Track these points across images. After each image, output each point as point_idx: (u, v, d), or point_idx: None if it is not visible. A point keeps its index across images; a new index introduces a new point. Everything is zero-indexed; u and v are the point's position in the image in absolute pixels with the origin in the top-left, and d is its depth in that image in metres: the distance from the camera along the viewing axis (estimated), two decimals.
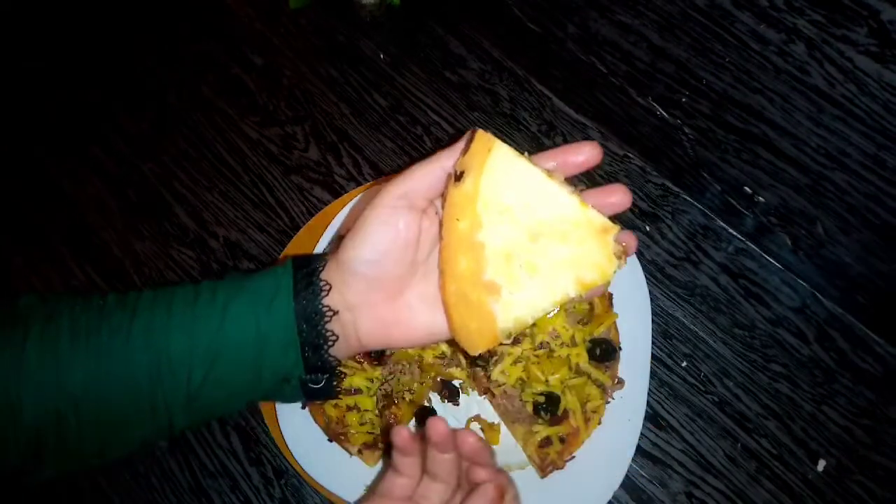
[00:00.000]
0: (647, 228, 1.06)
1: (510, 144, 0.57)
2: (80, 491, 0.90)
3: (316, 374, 0.63)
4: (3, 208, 1.08)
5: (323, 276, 0.62)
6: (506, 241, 0.57)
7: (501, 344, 0.60)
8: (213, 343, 0.59)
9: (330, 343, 0.61)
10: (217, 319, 0.59)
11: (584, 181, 1.09)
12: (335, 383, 0.65)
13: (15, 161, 1.12)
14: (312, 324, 0.60)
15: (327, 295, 0.61)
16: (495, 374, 0.88)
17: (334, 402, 0.87)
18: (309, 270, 0.62)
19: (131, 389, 0.58)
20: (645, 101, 1.04)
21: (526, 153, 0.58)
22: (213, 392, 0.60)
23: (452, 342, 0.64)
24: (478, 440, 0.62)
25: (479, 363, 0.89)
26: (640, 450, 0.91)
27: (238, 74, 1.19)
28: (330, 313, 0.61)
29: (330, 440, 0.87)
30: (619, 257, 0.61)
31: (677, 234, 1.06)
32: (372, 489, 0.72)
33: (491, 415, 0.91)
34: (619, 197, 0.63)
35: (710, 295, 1.02)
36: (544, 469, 0.86)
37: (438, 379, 0.92)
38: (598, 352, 0.90)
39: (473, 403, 0.92)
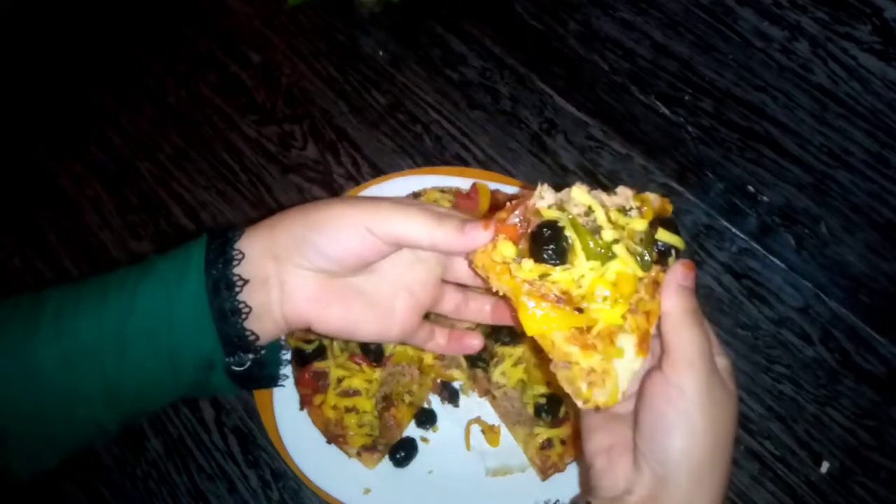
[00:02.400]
0: None
1: (510, 144, 0.57)
2: (77, 495, 0.90)
3: (238, 355, 0.59)
4: (2, 207, 1.08)
5: (239, 245, 0.58)
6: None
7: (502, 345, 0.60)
8: (123, 326, 0.55)
9: (243, 315, 0.57)
10: (126, 300, 0.56)
11: (586, 181, 1.08)
12: (268, 367, 0.62)
13: (13, 160, 1.11)
14: (223, 296, 0.57)
15: (239, 264, 0.57)
16: (496, 375, 0.88)
17: (333, 403, 0.86)
18: (223, 240, 0.59)
19: (42, 384, 0.55)
20: (647, 99, 1.03)
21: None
22: (132, 382, 0.57)
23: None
24: None
25: (480, 364, 0.88)
26: None
27: (236, 73, 1.19)
28: (241, 282, 0.57)
29: (329, 442, 0.86)
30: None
31: (681, 233, 1.05)
32: None
33: (492, 416, 0.90)
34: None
35: (714, 295, 1.01)
36: (545, 471, 0.85)
37: (438, 381, 0.91)
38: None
39: (474, 405, 0.91)
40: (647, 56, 0.98)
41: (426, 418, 0.89)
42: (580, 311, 0.57)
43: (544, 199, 0.61)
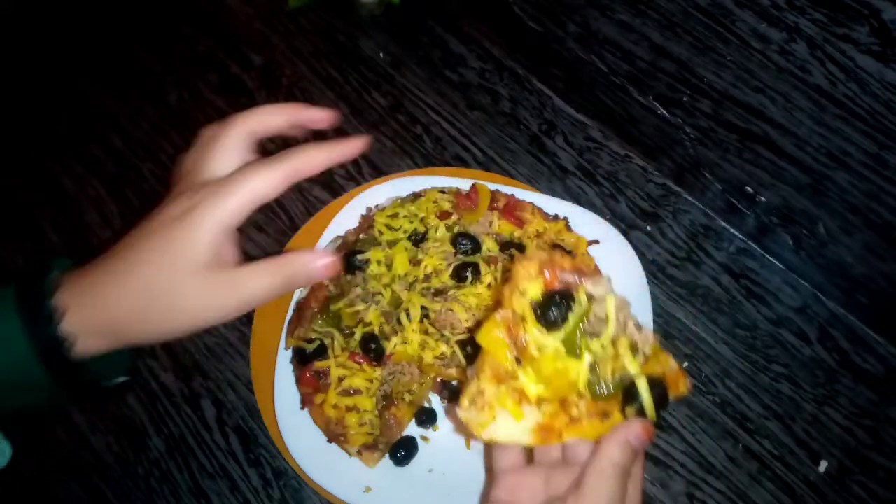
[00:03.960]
0: (649, 228, 1.06)
1: (510, 145, 0.57)
2: (79, 494, 0.90)
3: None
4: (3, 207, 1.08)
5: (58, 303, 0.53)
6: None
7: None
8: None
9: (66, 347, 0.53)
10: None
11: (586, 181, 1.09)
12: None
13: (14, 160, 1.12)
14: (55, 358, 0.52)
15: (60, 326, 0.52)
16: None
17: (333, 402, 0.86)
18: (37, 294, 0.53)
19: None
20: (646, 100, 1.04)
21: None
22: None
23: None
24: None
25: None
26: None
27: (237, 74, 1.19)
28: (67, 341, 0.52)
29: (329, 441, 0.87)
30: None
31: (679, 234, 1.06)
32: None
33: None
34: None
35: (712, 295, 1.02)
36: None
37: (438, 380, 0.91)
38: None
39: None
40: (646, 57, 0.99)
41: (426, 417, 0.90)
42: (520, 363, 0.61)
43: (597, 287, 0.63)
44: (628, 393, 0.61)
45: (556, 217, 0.99)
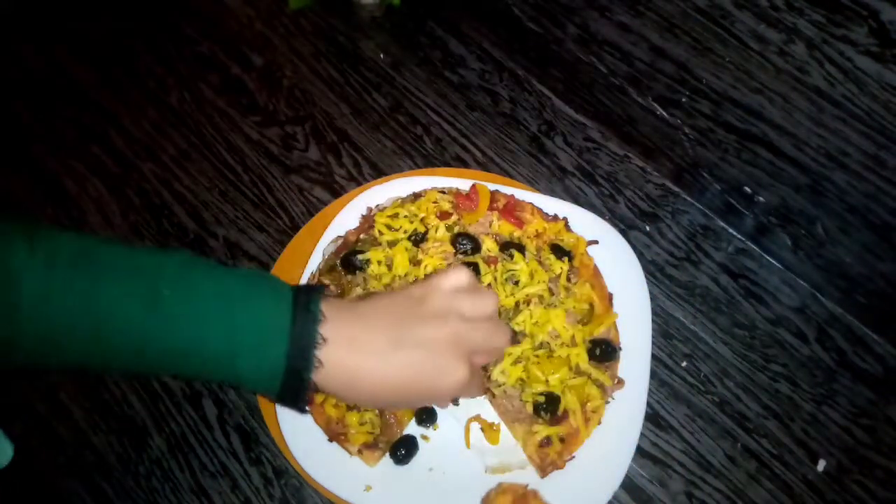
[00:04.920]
0: (648, 228, 1.06)
1: (509, 146, 0.58)
2: (80, 493, 0.90)
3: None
4: (4, 208, 1.08)
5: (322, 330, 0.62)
6: None
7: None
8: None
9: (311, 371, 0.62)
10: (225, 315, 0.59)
11: (585, 181, 1.09)
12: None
13: (15, 161, 1.12)
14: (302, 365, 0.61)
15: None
16: (495, 373, 0.88)
17: (334, 402, 0.87)
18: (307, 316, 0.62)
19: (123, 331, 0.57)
20: (645, 101, 1.04)
21: None
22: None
23: None
24: None
25: None
26: (640, 450, 0.91)
27: (238, 74, 1.19)
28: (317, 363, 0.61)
29: (330, 440, 0.87)
30: None
31: (677, 234, 1.06)
32: None
33: (491, 415, 0.91)
34: None
35: (711, 295, 1.02)
36: (544, 469, 0.86)
37: None
38: (598, 352, 0.90)
39: (473, 403, 0.92)
40: (645, 59, 0.99)
41: (426, 416, 0.90)
42: None
43: None
44: None
45: (555, 217, 1.00)
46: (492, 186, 1.01)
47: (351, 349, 0.63)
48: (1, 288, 0.52)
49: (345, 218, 1.00)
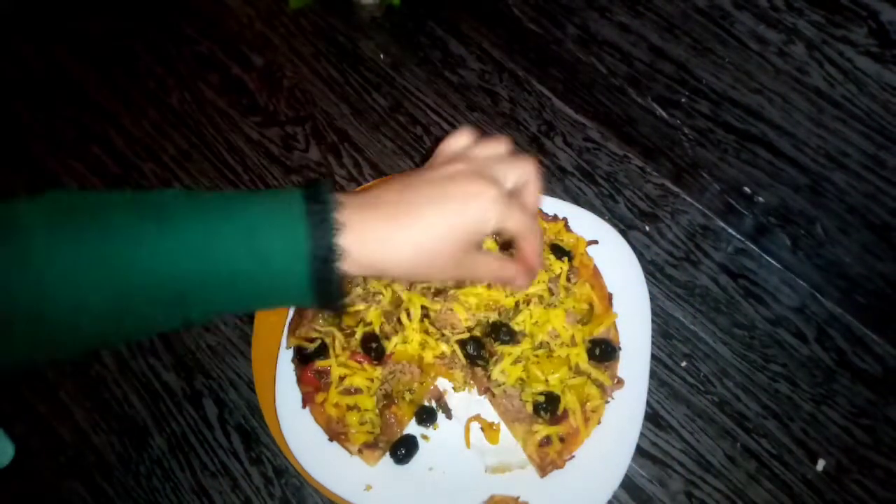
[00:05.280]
0: (647, 228, 1.07)
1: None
2: (80, 492, 0.91)
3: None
4: None
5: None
6: None
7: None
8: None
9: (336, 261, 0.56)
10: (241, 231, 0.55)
11: (584, 181, 1.09)
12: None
13: (15, 161, 1.12)
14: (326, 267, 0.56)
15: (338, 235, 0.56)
16: (495, 373, 0.88)
17: (334, 401, 0.87)
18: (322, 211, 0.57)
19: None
20: (644, 101, 1.04)
21: None
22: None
23: None
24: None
25: (479, 363, 0.89)
26: (639, 449, 0.91)
27: (238, 75, 1.20)
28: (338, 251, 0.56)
29: (330, 440, 0.87)
30: None
31: (677, 234, 1.06)
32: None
33: (491, 414, 0.91)
34: None
35: (710, 295, 1.02)
36: (544, 468, 0.86)
37: (441, 389, 0.92)
38: (597, 352, 0.91)
39: (473, 403, 0.92)
40: (645, 59, 0.99)
41: (427, 416, 0.90)
42: None
43: None
44: None
45: (555, 217, 1.00)
46: None
47: (368, 209, 0.58)
48: (15, 246, 0.50)
49: None
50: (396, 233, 0.58)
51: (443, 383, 0.93)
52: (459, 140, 0.66)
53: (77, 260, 0.51)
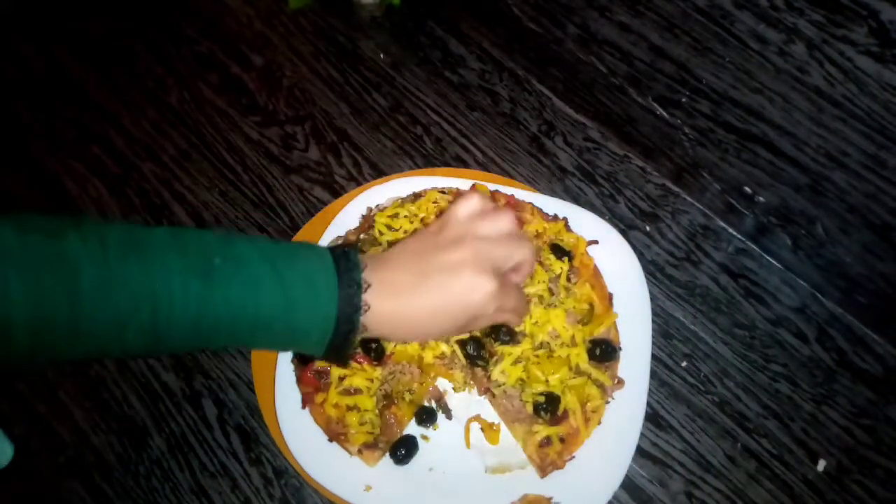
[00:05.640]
0: (648, 228, 1.06)
1: (509, 146, 0.58)
2: (80, 492, 0.90)
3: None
4: (3, 208, 1.08)
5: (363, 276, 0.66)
6: None
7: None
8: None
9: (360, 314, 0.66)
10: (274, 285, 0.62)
11: (585, 181, 1.09)
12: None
13: (15, 161, 1.12)
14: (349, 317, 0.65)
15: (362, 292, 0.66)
16: (495, 374, 0.88)
17: (334, 402, 0.87)
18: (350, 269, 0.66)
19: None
20: (645, 101, 1.04)
21: None
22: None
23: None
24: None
25: (480, 363, 0.89)
26: (639, 450, 0.91)
27: (238, 74, 1.19)
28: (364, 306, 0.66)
29: (330, 440, 0.87)
30: None
31: (677, 234, 1.06)
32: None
33: (491, 415, 0.91)
34: None
35: (711, 295, 1.02)
36: (544, 469, 0.86)
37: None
38: (598, 352, 0.90)
39: (473, 403, 0.92)
40: (645, 59, 0.99)
41: (427, 416, 0.90)
42: None
43: None
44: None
45: (555, 217, 1.00)
46: (492, 186, 1.01)
47: (387, 290, 0.67)
48: (62, 276, 0.53)
49: (345, 218, 1.00)
50: (408, 315, 0.69)
51: (443, 383, 0.92)
52: (470, 205, 0.75)
53: (120, 299, 0.56)
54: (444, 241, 0.72)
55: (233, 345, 0.64)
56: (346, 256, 0.66)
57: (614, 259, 0.98)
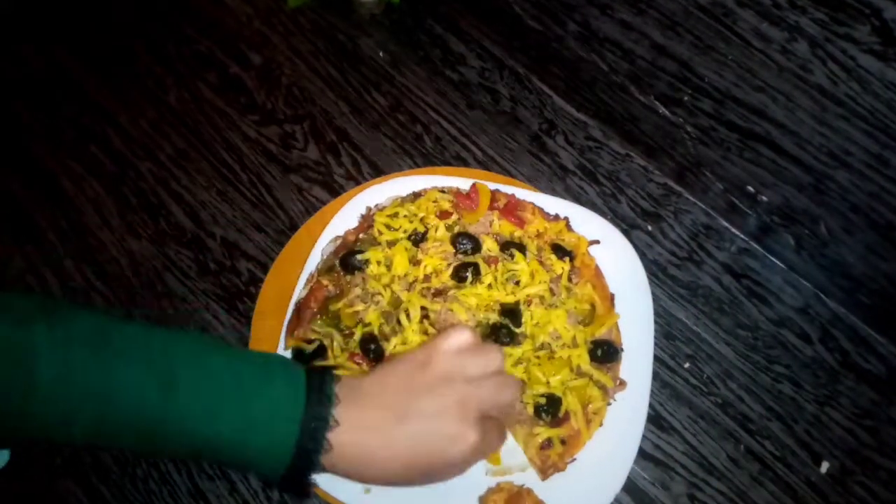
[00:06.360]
0: (650, 228, 1.06)
1: (510, 145, 0.58)
2: (77, 495, 0.90)
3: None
4: (2, 207, 1.08)
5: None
6: None
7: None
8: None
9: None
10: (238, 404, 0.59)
11: (586, 181, 1.08)
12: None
13: (13, 160, 1.11)
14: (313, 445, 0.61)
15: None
16: None
17: None
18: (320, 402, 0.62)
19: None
20: (647, 99, 1.04)
21: None
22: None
23: None
24: None
25: None
26: (641, 452, 0.90)
27: (237, 73, 1.19)
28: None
29: None
30: None
31: (680, 233, 1.06)
32: None
33: None
34: None
35: (713, 295, 1.02)
36: (545, 471, 0.85)
37: None
38: (599, 353, 0.90)
39: None
40: (647, 57, 0.99)
41: None
42: None
43: None
44: None
45: (556, 217, 0.99)
46: (492, 186, 1.00)
47: (359, 429, 0.62)
48: (20, 367, 0.53)
49: (344, 218, 1.00)
50: (376, 460, 0.64)
51: None
52: (458, 340, 0.69)
53: (75, 390, 0.55)
54: (431, 378, 0.66)
55: (189, 458, 0.62)
56: (321, 387, 0.62)
57: (616, 259, 0.97)
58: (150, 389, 0.56)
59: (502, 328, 0.89)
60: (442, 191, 1.00)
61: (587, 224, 0.99)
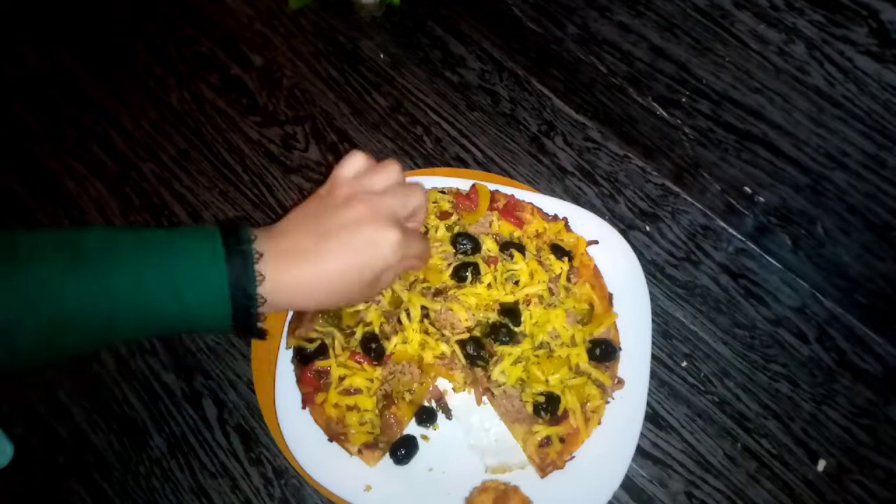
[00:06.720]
0: (648, 228, 1.06)
1: (509, 146, 0.58)
2: (80, 492, 0.90)
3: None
4: (4, 207, 1.08)
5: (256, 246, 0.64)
6: None
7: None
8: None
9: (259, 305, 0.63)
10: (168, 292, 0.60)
11: (585, 181, 1.09)
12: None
13: (16, 161, 1.12)
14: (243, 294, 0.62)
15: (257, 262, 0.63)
16: (495, 374, 0.88)
17: (334, 402, 0.87)
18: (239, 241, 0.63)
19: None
20: (645, 100, 1.04)
21: None
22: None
23: None
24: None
25: (479, 363, 0.89)
26: (640, 450, 0.91)
27: (238, 74, 1.19)
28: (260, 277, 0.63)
29: (330, 440, 0.87)
30: None
31: (677, 234, 1.06)
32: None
33: (491, 415, 0.91)
34: None
35: (711, 295, 1.02)
36: (544, 469, 0.86)
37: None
38: (598, 352, 0.90)
39: (473, 403, 0.92)
40: (645, 58, 0.99)
41: (427, 416, 0.90)
42: None
43: None
44: None
45: (555, 217, 1.00)
46: (492, 186, 1.01)
47: (285, 257, 0.65)
48: None
49: None
50: (312, 280, 0.66)
51: (443, 383, 0.92)
52: (353, 165, 0.73)
53: (6, 297, 0.55)
54: (337, 200, 0.70)
55: (139, 336, 0.63)
56: (235, 231, 0.64)
57: (614, 259, 0.98)
58: (66, 276, 0.57)
59: (502, 327, 0.89)
60: (442, 191, 1.01)
61: (586, 224, 1.00)
